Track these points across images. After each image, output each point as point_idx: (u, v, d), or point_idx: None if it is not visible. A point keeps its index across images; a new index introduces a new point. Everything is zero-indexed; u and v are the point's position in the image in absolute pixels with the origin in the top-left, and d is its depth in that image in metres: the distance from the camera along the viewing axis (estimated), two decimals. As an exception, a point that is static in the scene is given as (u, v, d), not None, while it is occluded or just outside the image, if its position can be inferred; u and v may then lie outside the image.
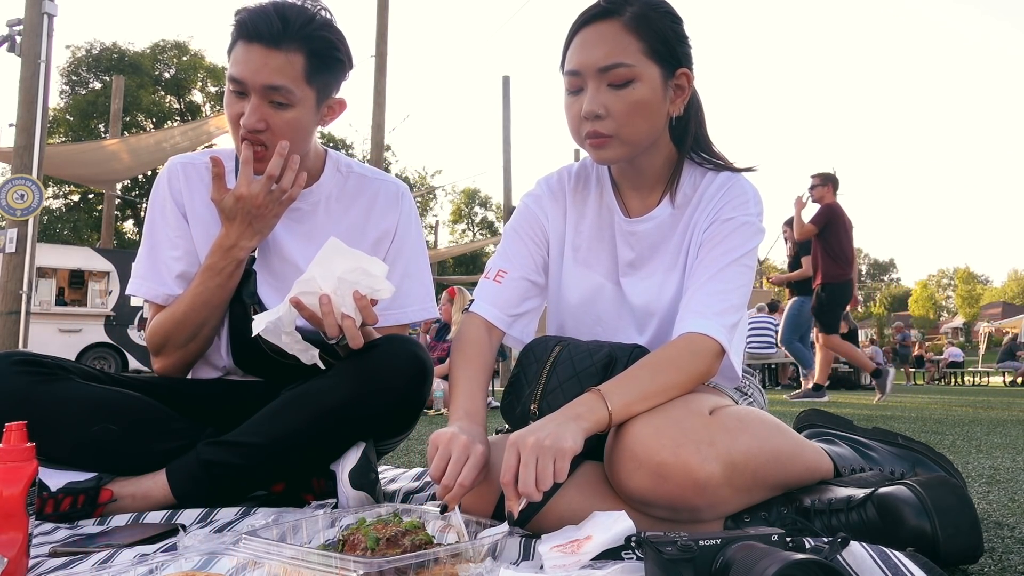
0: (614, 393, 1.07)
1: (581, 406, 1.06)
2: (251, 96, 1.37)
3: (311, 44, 1.39)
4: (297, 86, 1.39)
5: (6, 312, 6.25)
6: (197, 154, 1.59)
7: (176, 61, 29.92)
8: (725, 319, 1.17)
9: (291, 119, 1.41)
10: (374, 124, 9.98)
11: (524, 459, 0.97)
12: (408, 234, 1.62)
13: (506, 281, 1.37)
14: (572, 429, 1.00)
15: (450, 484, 1.02)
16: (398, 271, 1.59)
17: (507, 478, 0.98)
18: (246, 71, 1.36)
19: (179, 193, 1.55)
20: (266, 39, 1.35)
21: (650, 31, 1.19)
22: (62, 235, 25.58)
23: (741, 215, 1.25)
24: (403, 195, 1.63)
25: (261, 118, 1.38)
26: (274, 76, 1.36)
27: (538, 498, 0.96)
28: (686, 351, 1.15)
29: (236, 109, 1.40)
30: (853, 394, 8.46)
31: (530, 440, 0.98)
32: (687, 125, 1.30)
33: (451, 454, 1.04)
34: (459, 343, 1.32)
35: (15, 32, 6.51)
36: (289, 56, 1.37)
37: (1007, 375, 15.20)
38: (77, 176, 13.54)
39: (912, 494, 1.05)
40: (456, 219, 44.77)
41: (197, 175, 1.56)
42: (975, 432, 3.33)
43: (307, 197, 1.54)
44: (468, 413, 1.19)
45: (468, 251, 32.57)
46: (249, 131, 1.38)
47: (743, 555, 0.77)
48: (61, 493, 1.31)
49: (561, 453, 0.97)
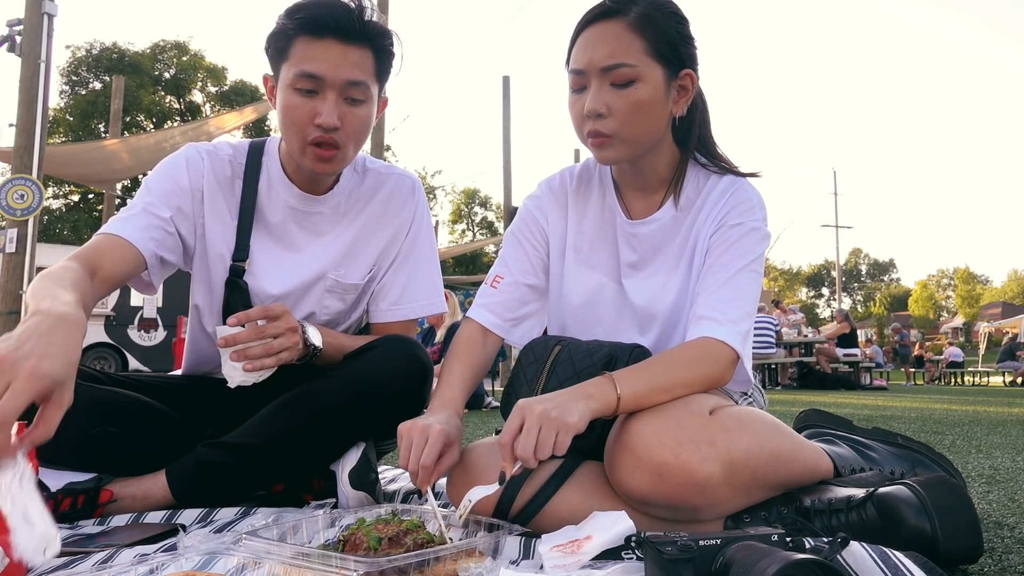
0: (625, 380, 1.07)
1: (592, 387, 1.06)
2: (327, 93, 1.31)
3: (376, 40, 1.35)
4: (371, 82, 1.36)
5: (6, 312, 6.25)
6: (220, 144, 1.51)
7: (176, 61, 29.92)
8: (740, 326, 1.18)
9: (365, 116, 1.37)
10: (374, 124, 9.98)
11: (528, 424, 0.98)
12: (421, 229, 1.61)
13: (502, 286, 1.38)
14: (580, 407, 1.01)
15: (414, 468, 1.06)
16: (409, 265, 1.58)
17: (506, 439, 1.00)
18: (325, 66, 1.30)
19: (199, 177, 1.47)
20: (345, 32, 1.30)
21: (654, 31, 1.19)
22: (62, 235, 25.58)
23: (749, 220, 1.25)
24: (417, 188, 1.61)
25: (339, 116, 1.33)
26: (355, 71, 1.32)
27: (533, 464, 0.98)
28: (703, 353, 1.15)
29: (306, 109, 1.32)
30: (853, 394, 8.46)
31: (537, 408, 0.99)
32: (691, 126, 1.30)
33: (412, 440, 1.07)
34: (453, 346, 1.35)
35: (15, 32, 6.50)
36: (362, 52, 1.34)
37: (1007, 375, 15.18)
38: (77, 176, 13.53)
39: (912, 494, 1.05)
40: (456, 219, 44.77)
41: (221, 168, 1.48)
42: (975, 432, 3.33)
43: (328, 200, 1.51)
44: (442, 403, 1.23)
45: (468, 251, 32.56)
46: (327, 130, 1.32)
47: (743, 555, 0.77)
48: (61, 493, 1.31)
49: (565, 427, 0.98)
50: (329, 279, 1.52)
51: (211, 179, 1.48)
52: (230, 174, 1.50)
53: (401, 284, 1.58)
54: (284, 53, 1.33)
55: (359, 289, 1.56)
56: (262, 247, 1.50)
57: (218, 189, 1.49)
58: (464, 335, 1.36)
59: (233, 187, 1.50)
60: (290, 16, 1.32)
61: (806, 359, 10.83)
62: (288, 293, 1.50)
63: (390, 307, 1.58)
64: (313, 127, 1.32)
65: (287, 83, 1.33)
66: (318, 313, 1.54)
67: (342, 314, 1.58)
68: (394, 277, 1.58)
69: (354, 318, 1.63)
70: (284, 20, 1.33)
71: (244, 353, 1.27)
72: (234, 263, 1.48)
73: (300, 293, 1.51)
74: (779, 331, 10.94)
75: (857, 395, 8.14)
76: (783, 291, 56.40)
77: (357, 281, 1.55)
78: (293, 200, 1.49)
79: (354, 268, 1.55)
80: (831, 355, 10.87)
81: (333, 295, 1.54)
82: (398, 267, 1.58)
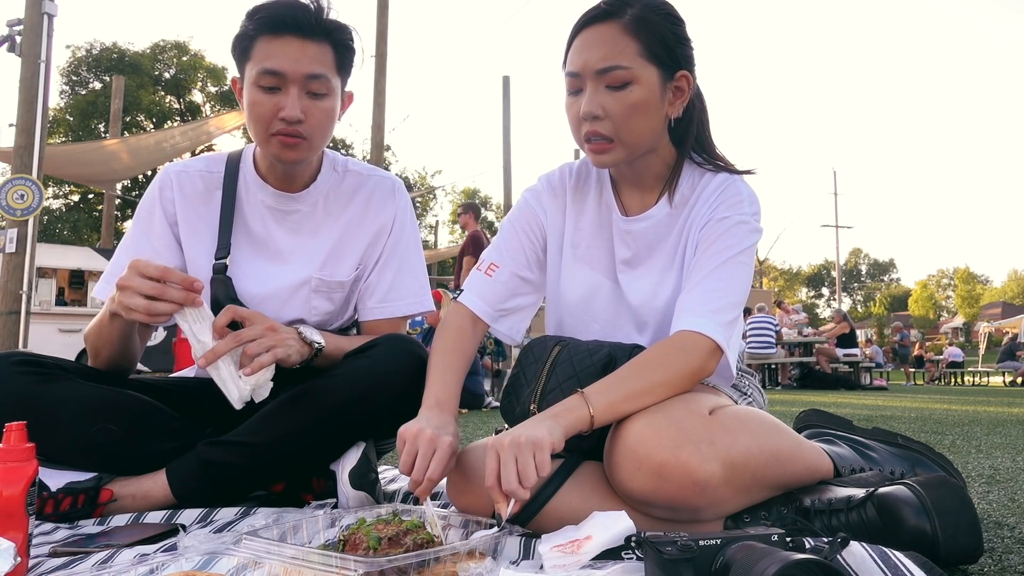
0: (597, 394, 1.08)
1: (560, 406, 1.08)
2: (289, 88, 1.36)
3: (334, 35, 1.40)
4: (332, 76, 1.40)
5: (6, 312, 6.26)
6: (192, 161, 1.58)
7: (176, 61, 29.89)
8: (721, 316, 1.17)
9: (328, 108, 1.41)
10: (374, 124, 9.99)
11: (503, 459, 0.98)
12: (404, 228, 1.62)
13: (496, 275, 1.38)
14: (548, 424, 1.02)
15: (419, 479, 1.05)
16: (394, 265, 1.60)
17: (491, 481, 0.99)
18: (285, 62, 1.34)
19: (171, 203, 1.53)
20: (303, 29, 1.35)
21: (649, 33, 1.19)
22: (62, 235, 25.56)
23: (736, 214, 1.25)
24: (398, 189, 1.63)
25: (302, 109, 1.37)
26: (315, 65, 1.36)
27: (525, 495, 0.97)
28: (675, 348, 1.15)
29: (269, 105, 1.36)
30: (853, 394, 8.46)
31: (506, 440, 1.00)
32: (688, 126, 1.30)
33: (418, 449, 1.06)
34: (441, 331, 1.33)
35: (15, 32, 6.51)
36: (321, 46, 1.38)
37: (1007, 375, 15.18)
38: (77, 176, 13.54)
39: (912, 494, 1.05)
40: (456, 219, 44.74)
41: (191, 184, 1.54)
42: (975, 432, 3.33)
43: (305, 198, 1.54)
44: (439, 402, 1.20)
45: (468, 251, 32.51)
46: (291, 123, 1.36)
47: (743, 555, 0.77)
48: (61, 493, 1.31)
49: (538, 445, 0.98)
50: (315, 280, 1.53)
51: (181, 201, 1.53)
52: (202, 188, 1.54)
53: (388, 282, 1.59)
54: (247, 53, 1.38)
55: (346, 287, 1.57)
56: (246, 252, 1.52)
57: (190, 207, 1.54)
58: (454, 323, 1.34)
59: (211, 198, 1.54)
60: (250, 18, 1.37)
61: (806, 359, 10.84)
62: (273, 294, 1.51)
63: (377, 304, 1.59)
64: (277, 120, 1.37)
65: (251, 81, 1.37)
66: (307, 316, 1.54)
67: (332, 315, 1.58)
68: (380, 276, 1.59)
69: (345, 319, 1.63)
70: (245, 22, 1.38)
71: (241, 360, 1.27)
72: (216, 260, 1.50)
73: (286, 296, 1.52)
74: (779, 331, 10.94)
75: (857, 395, 8.15)
76: (783, 291, 56.35)
77: (343, 278, 1.56)
78: (269, 199, 1.52)
79: (340, 266, 1.56)
80: (831, 355, 10.88)
81: (320, 295, 1.54)
82: (383, 266, 1.59)
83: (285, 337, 1.32)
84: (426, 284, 1.65)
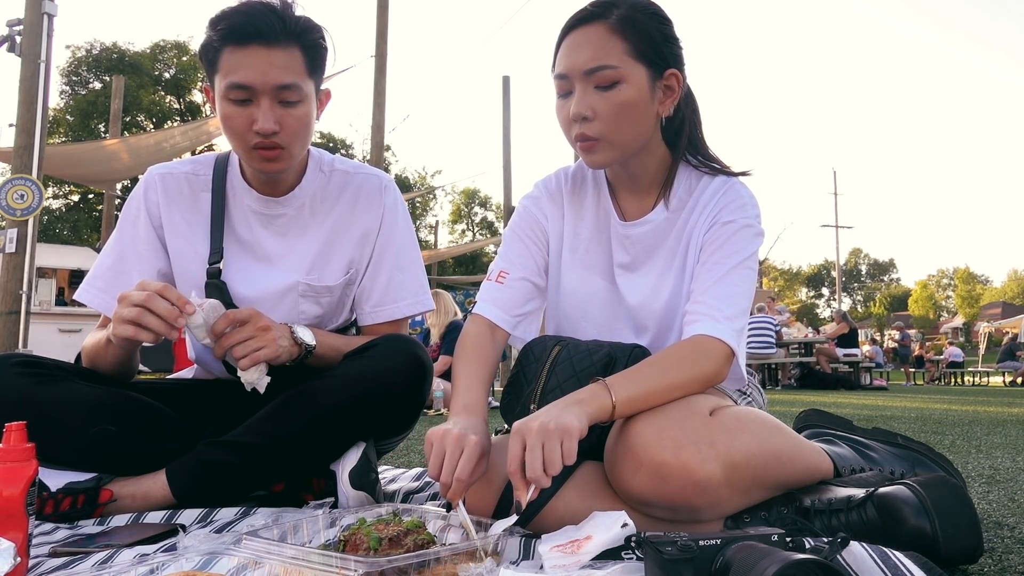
0: (619, 385, 1.06)
1: (585, 393, 1.06)
2: (260, 100, 1.32)
3: (303, 37, 1.35)
4: (303, 81, 1.36)
5: (6, 312, 6.25)
6: (178, 163, 1.56)
7: (176, 61, 29.88)
8: (735, 323, 1.18)
9: (303, 115, 1.37)
10: (374, 124, 9.97)
11: (530, 444, 0.96)
12: (394, 227, 1.58)
13: (508, 282, 1.37)
14: (575, 412, 1.00)
15: (448, 480, 1.02)
16: (387, 265, 1.57)
17: (513, 467, 0.97)
18: (253, 74, 1.30)
19: (156, 205, 1.52)
20: (267, 37, 1.30)
21: (636, 33, 1.19)
22: (62, 235, 25.55)
23: (740, 218, 1.25)
24: (386, 188, 1.58)
25: (276, 120, 1.33)
26: (284, 74, 1.32)
27: (547, 483, 0.96)
28: (696, 352, 1.15)
29: (242, 119, 1.33)
30: (853, 394, 8.46)
31: (534, 425, 0.97)
32: (680, 127, 1.30)
33: (445, 450, 1.03)
34: (462, 343, 1.32)
35: (15, 32, 6.50)
36: (289, 52, 1.33)
37: (1007, 375, 15.18)
38: (77, 176, 13.53)
39: (912, 494, 1.05)
40: (456, 219, 44.73)
41: (176, 186, 1.52)
42: (975, 432, 3.33)
43: (290, 202, 1.51)
44: (466, 407, 1.18)
45: (468, 251, 32.55)
46: (266, 135, 1.33)
47: (743, 555, 0.77)
48: (61, 493, 1.31)
49: (568, 433, 0.96)
50: (302, 285, 1.51)
51: (166, 203, 1.52)
52: (188, 190, 1.52)
53: (382, 285, 1.57)
54: (214, 65, 1.34)
55: (334, 292, 1.55)
56: (236, 255, 1.51)
57: (175, 210, 1.52)
58: (473, 333, 1.32)
59: (197, 200, 1.52)
60: (213, 27, 1.33)
61: (806, 359, 10.83)
62: (262, 298, 1.50)
63: (374, 309, 1.57)
64: (252, 134, 1.33)
65: (221, 94, 1.34)
66: (296, 320, 1.52)
67: (322, 318, 1.56)
68: (374, 278, 1.57)
69: (340, 321, 1.61)
70: (209, 31, 1.34)
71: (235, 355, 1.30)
72: (210, 266, 1.49)
73: (274, 299, 1.51)
74: (779, 331, 10.93)
75: (857, 395, 8.14)
76: (783, 291, 56.37)
77: (331, 283, 1.54)
78: (254, 204, 1.51)
79: (329, 270, 1.54)
80: (831, 355, 10.87)
81: (307, 299, 1.53)
82: (376, 267, 1.57)
83: (276, 336, 1.33)
84: (425, 282, 1.63)
